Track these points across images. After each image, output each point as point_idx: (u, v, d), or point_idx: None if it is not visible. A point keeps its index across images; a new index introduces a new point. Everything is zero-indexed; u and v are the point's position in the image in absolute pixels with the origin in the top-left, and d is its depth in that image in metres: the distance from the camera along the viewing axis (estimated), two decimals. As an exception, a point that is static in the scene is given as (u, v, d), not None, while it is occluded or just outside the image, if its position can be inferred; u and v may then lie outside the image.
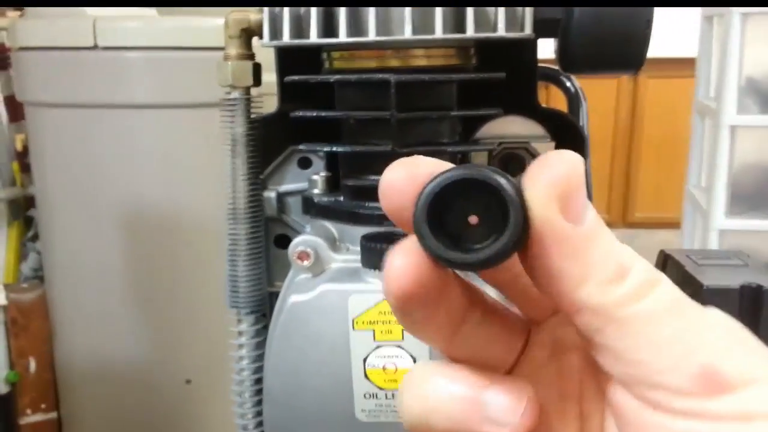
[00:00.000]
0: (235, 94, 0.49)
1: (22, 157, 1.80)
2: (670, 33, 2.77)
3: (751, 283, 0.62)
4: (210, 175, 1.44)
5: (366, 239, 0.43)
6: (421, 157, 0.25)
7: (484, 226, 0.23)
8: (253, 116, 0.50)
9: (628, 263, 0.24)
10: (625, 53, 0.45)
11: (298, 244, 0.45)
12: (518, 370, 0.28)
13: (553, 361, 0.28)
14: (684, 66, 3.22)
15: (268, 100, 0.54)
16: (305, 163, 0.54)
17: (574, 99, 0.88)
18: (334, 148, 0.47)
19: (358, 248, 0.44)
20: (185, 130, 1.48)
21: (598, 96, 3.45)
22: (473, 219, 0.24)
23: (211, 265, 1.52)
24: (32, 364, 1.79)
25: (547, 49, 0.52)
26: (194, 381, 1.63)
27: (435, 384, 0.26)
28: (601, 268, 0.23)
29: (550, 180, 0.23)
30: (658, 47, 0.48)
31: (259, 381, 0.52)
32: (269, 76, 0.53)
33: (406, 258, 0.24)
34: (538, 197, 0.23)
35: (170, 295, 1.60)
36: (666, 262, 0.71)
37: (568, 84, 0.90)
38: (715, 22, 1.93)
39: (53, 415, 1.83)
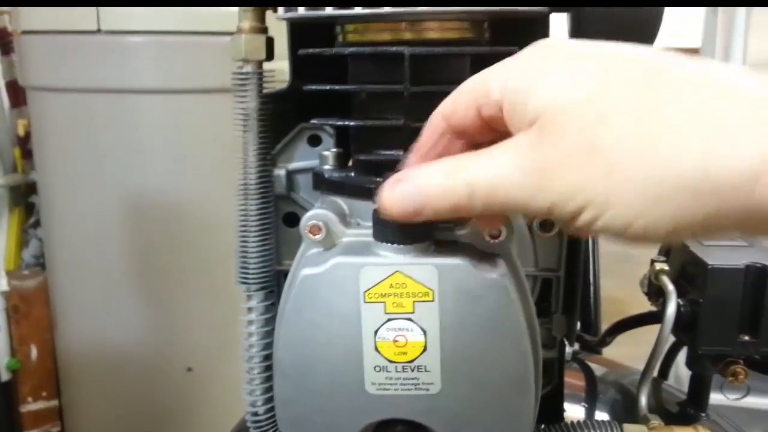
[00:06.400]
0: (248, 68, 0.49)
1: (24, 143, 1.80)
2: (673, 23, 2.77)
3: (756, 263, 0.62)
4: (213, 162, 1.44)
5: (378, 212, 0.43)
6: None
7: None
8: (264, 91, 0.50)
9: None
10: (638, 28, 0.45)
11: (310, 218, 0.45)
12: None
13: None
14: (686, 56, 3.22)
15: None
16: (315, 141, 0.54)
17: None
18: (347, 123, 0.47)
19: (369, 223, 0.44)
20: (189, 116, 1.48)
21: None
22: None
23: (213, 253, 1.53)
24: (33, 352, 1.79)
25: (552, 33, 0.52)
26: (195, 369, 1.63)
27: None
28: None
29: None
30: (660, 37, 0.48)
31: (268, 357, 0.52)
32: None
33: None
34: None
35: (172, 283, 1.60)
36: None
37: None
38: (719, 11, 1.93)
39: (54, 402, 1.83)
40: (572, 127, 0.32)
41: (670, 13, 0.50)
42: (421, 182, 0.36)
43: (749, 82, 0.31)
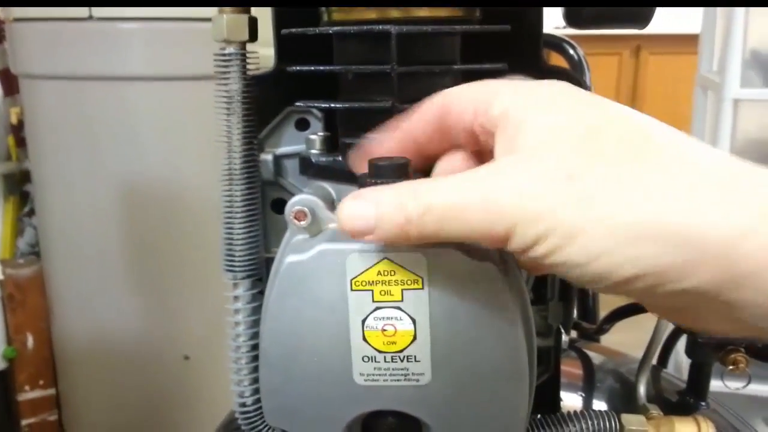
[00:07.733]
0: (230, 49, 0.47)
1: (18, 131, 1.79)
2: (672, 9, 2.76)
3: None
4: (208, 149, 1.43)
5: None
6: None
7: None
8: (249, 74, 0.49)
9: None
10: (632, 16, 0.44)
11: (295, 203, 0.44)
12: None
13: None
14: (685, 42, 3.21)
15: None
16: (302, 125, 0.53)
17: (577, 67, 0.86)
18: (332, 105, 0.45)
19: (357, 209, 0.43)
20: (182, 103, 1.47)
21: (599, 72, 3.44)
22: None
23: (209, 241, 1.51)
24: (30, 340, 1.78)
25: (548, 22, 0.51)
26: (192, 357, 1.63)
27: None
28: None
29: None
30: (659, 23, 0.47)
31: (255, 347, 0.51)
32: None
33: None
34: None
35: (168, 271, 1.59)
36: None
37: (572, 52, 0.88)
38: (719, -4, 1.92)
39: (51, 391, 1.83)
40: (555, 156, 0.32)
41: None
42: (377, 199, 0.36)
43: (735, 161, 0.31)
